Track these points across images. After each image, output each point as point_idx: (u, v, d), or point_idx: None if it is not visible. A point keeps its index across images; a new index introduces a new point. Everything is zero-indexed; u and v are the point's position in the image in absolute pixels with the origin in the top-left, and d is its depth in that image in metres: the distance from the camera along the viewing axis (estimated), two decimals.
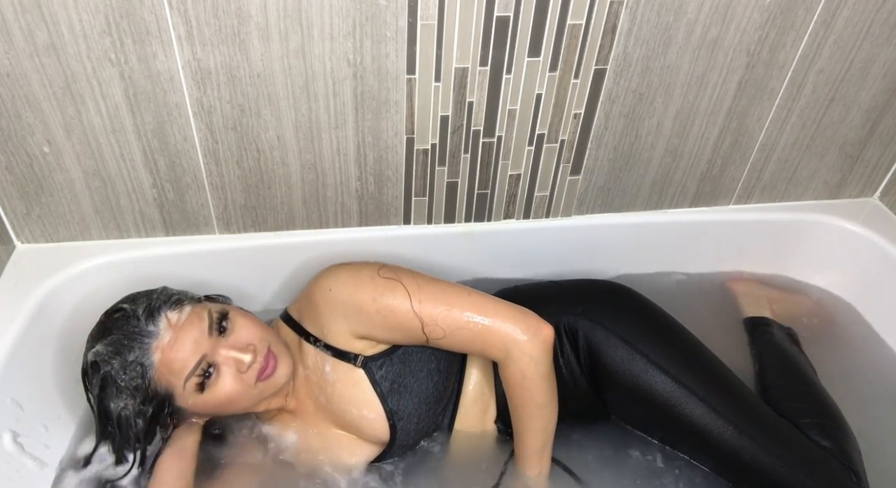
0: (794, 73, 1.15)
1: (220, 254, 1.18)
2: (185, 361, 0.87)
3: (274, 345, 0.95)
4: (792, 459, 0.96)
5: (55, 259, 1.11)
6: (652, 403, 1.00)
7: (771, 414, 1.02)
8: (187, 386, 0.88)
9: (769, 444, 0.96)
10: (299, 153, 1.09)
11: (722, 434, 0.97)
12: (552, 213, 1.28)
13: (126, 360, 0.86)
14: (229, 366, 0.89)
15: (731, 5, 1.04)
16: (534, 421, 0.98)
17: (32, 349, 1.02)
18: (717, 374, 1.03)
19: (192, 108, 1.00)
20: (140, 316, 0.88)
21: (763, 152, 1.26)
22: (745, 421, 0.97)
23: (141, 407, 0.88)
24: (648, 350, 1.01)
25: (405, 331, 0.95)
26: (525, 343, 0.93)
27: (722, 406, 0.98)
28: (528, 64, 1.05)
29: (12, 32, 0.89)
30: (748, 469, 0.97)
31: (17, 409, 0.97)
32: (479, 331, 0.93)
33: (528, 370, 0.94)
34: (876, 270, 1.33)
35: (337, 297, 0.95)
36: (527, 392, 0.95)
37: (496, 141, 1.14)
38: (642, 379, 1.00)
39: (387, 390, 0.96)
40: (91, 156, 1.04)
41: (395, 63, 1.01)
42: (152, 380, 0.87)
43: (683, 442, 1.05)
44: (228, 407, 0.93)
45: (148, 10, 0.90)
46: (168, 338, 0.87)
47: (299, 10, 0.93)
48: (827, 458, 0.97)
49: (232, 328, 0.92)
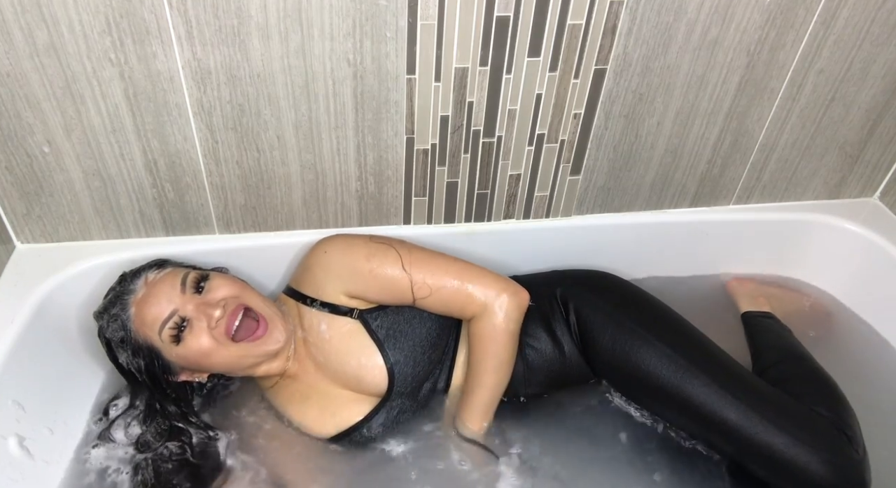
0: (794, 73, 1.15)
1: (220, 254, 1.18)
2: (155, 315, 0.94)
3: (259, 307, 1.00)
4: (781, 419, 0.96)
5: (55, 259, 1.11)
6: (637, 369, 1.03)
7: (761, 381, 1.03)
8: (163, 338, 0.95)
9: (756, 404, 0.97)
10: (299, 153, 1.09)
11: (708, 396, 0.98)
12: (552, 213, 1.28)
13: (110, 314, 0.98)
14: (199, 320, 0.95)
15: (731, 5, 1.04)
16: (490, 377, 1.04)
17: (33, 349, 1.02)
18: (702, 344, 1.06)
19: (192, 108, 1.00)
20: (128, 277, 1.00)
21: (763, 152, 1.26)
22: (731, 384, 0.99)
23: (135, 359, 0.97)
24: (635, 319, 1.07)
25: (395, 291, 1.02)
26: (503, 300, 1.02)
27: (707, 371, 1.00)
28: (528, 64, 1.05)
29: (12, 32, 0.89)
30: (735, 433, 0.97)
31: (18, 410, 0.97)
32: (463, 289, 1.02)
33: (500, 325, 1.02)
34: (876, 270, 1.33)
35: (332, 258, 1.05)
36: (493, 345, 1.02)
37: (496, 141, 1.14)
38: (628, 345, 1.05)
39: (383, 337, 1.02)
40: (91, 156, 1.04)
41: (395, 63, 1.01)
42: (132, 332, 0.96)
43: (670, 408, 1.05)
44: (209, 362, 0.97)
45: (148, 10, 0.90)
46: (142, 294, 0.97)
47: (299, 10, 0.93)
48: (825, 424, 0.98)
49: (209, 288, 0.98)
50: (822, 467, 0.93)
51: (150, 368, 0.98)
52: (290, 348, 1.05)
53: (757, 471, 1.00)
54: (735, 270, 1.42)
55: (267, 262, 1.21)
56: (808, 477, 0.93)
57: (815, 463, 0.93)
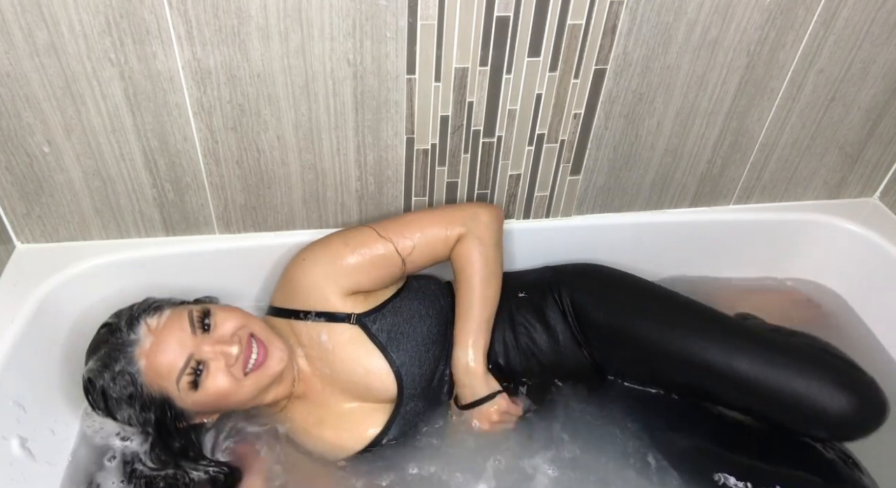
0: (794, 73, 1.15)
1: (220, 254, 1.18)
2: (171, 363, 0.88)
3: (260, 332, 0.96)
4: (789, 359, 0.95)
5: (55, 259, 1.11)
6: (640, 341, 1.03)
7: (762, 330, 1.05)
8: (181, 387, 0.89)
9: (763, 351, 0.96)
10: (299, 153, 1.09)
11: (715, 353, 0.98)
12: (552, 213, 1.28)
13: (114, 372, 0.89)
14: (218, 360, 0.90)
15: (731, 5, 1.04)
16: (482, 290, 1.05)
17: (33, 349, 1.02)
18: (697, 305, 1.08)
19: (192, 108, 1.00)
20: (122, 327, 0.91)
21: (763, 152, 1.26)
22: (734, 337, 0.99)
23: (143, 413, 0.90)
24: (628, 294, 1.10)
25: (383, 262, 1.04)
26: (482, 213, 1.09)
27: (709, 330, 1.01)
28: (528, 64, 1.05)
29: (12, 32, 0.89)
30: (748, 382, 0.95)
31: (18, 410, 0.97)
32: (440, 225, 1.07)
33: (485, 236, 1.07)
34: (876, 270, 1.33)
35: (313, 261, 1.04)
36: (480, 256, 1.06)
37: (496, 141, 1.14)
38: (625, 318, 1.06)
39: (385, 340, 1.00)
40: (91, 156, 1.04)
41: (395, 63, 1.01)
42: (144, 386, 0.89)
43: (679, 375, 1.03)
44: (227, 402, 0.94)
45: (148, 10, 0.90)
46: (149, 342, 0.89)
47: (299, 10, 0.93)
48: (829, 356, 0.98)
49: (215, 324, 0.93)
50: (842, 395, 0.90)
51: (160, 421, 0.91)
52: (294, 368, 1.02)
53: (777, 418, 0.97)
54: (735, 270, 1.42)
55: (267, 262, 1.21)
56: (831, 409, 0.90)
57: (834, 392, 0.90)
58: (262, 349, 0.94)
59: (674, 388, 1.09)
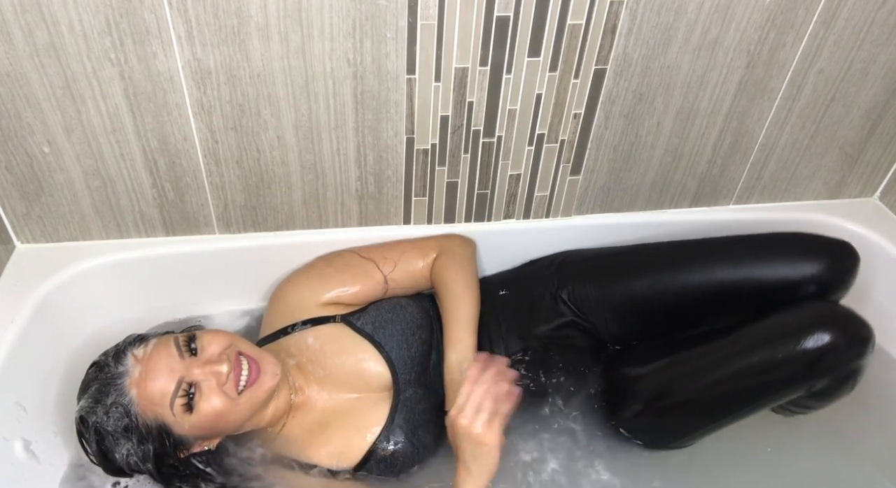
0: (794, 73, 1.15)
1: (220, 254, 1.18)
2: (163, 388, 0.87)
3: (248, 349, 0.94)
4: (759, 250, 1.05)
5: (55, 259, 1.11)
6: (632, 303, 1.11)
7: (731, 237, 1.12)
8: (176, 411, 0.88)
9: (738, 257, 1.05)
10: (299, 153, 1.09)
11: (700, 276, 1.06)
12: (552, 213, 1.28)
13: (106, 405, 0.88)
14: (209, 380, 0.89)
15: (731, 5, 1.04)
16: (465, 294, 1.10)
17: (33, 349, 1.02)
18: (671, 246, 1.17)
19: (192, 108, 1.00)
20: (109, 362, 0.91)
21: (763, 152, 1.26)
22: (710, 255, 1.08)
23: (141, 446, 0.89)
24: (614, 263, 1.18)
25: (365, 276, 1.11)
26: (455, 237, 1.20)
27: (690, 261, 1.08)
28: (528, 64, 1.05)
29: (12, 32, 0.89)
30: (735, 289, 1.03)
31: (20, 411, 0.97)
32: (419, 249, 1.16)
33: (459, 251, 1.16)
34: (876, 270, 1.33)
35: (296, 281, 1.12)
36: (458, 267, 1.13)
37: (496, 141, 1.14)
38: (609, 287, 1.13)
39: (371, 331, 1.05)
40: (91, 156, 1.04)
41: (395, 63, 1.01)
42: (139, 416, 0.88)
43: (673, 318, 1.09)
44: (225, 423, 0.92)
45: (148, 10, 0.90)
46: (138, 372, 0.88)
47: (299, 10, 0.93)
48: (793, 235, 1.07)
49: (202, 346, 0.92)
50: (811, 260, 1.00)
51: (160, 453, 0.90)
52: (289, 380, 1.02)
53: (767, 300, 1.02)
54: None
55: (267, 262, 1.21)
56: (807, 277, 1.00)
57: (801, 262, 1.01)
58: (255, 365, 0.93)
59: (666, 324, 1.12)
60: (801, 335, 0.92)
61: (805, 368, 0.92)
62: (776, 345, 0.94)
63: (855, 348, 0.93)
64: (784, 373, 0.94)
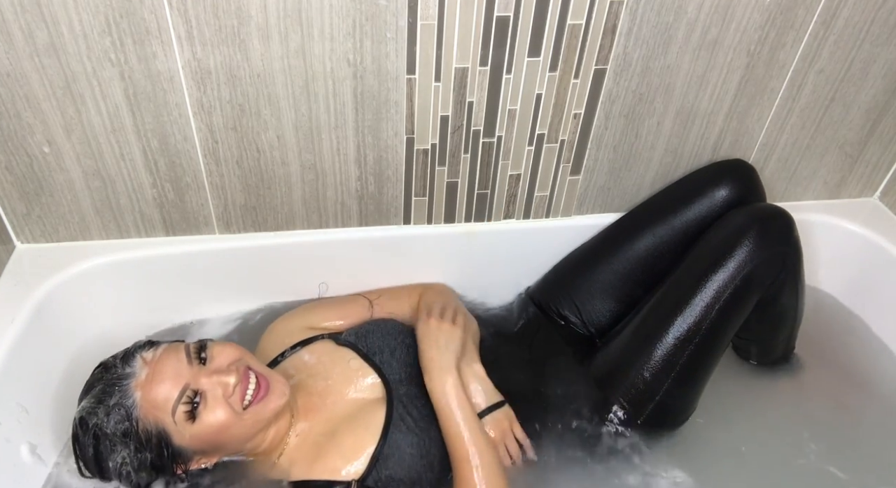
0: (794, 73, 1.15)
1: (220, 254, 1.18)
2: (167, 392, 0.85)
3: (258, 366, 0.94)
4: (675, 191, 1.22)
5: (55, 259, 1.11)
6: (599, 287, 1.20)
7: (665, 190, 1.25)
8: (178, 418, 0.85)
9: (663, 204, 1.21)
10: (299, 153, 1.09)
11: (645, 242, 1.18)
12: (552, 213, 1.28)
13: (108, 406, 0.85)
14: (215, 390, 0.88)
15: (731, 5, 1.04)
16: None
17: (33, 349, 1.02)
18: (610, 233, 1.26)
19: (192, 108, 1.00)
20: (117, 363, 0.89)
21: (763, 152, 1.26)
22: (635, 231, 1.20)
23: (138, 454, 0.86)
24: (569, 266, 1.28)
25: (352, 303, 1.20)
26: (436, 283, 1.28)
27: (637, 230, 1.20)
28: (528, 64, 1.05)
29: (12, 32, 0.89)
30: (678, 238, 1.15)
31: (21, 413, 0.97)
32: (404, 288, 1.26)
33: (439, 288, 1.26)
34: (876, 270, 1.33)
35: (288, 315, 1.17)
36: (446, 290, 1.25)
37: (496, 141, 1.14)
38: (578, 281, 1.23)
39: (354, 340, 1.09)
40: (91, 156, 1.04)
41: (395, 63, 1.01)
42: (140, 420, 0.85)
43: (649, 279, 1.16)
44: (227, 437, 0.90)
45: (148, 10, 0.90)
46: (145, 374, 0.87)
47: (299, 10, 0.93)
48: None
49: (212, 356, 0.91)
50: (721, 184, 1.14)
51: (156, 463, 0.87)
52: (291, 406, 1.00)
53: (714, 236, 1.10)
54: None
55: (267, 262, 1.21)
56: (724, 199, 1.13)
57: (716, 188, 1.14)
58: (264, 382, 0.92)
59: (641, 291, 1.17)
60: (722, 218, 1.10)
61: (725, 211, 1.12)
62: (708, 235, 1.09)
63: (758, 197, 1.15)
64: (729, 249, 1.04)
